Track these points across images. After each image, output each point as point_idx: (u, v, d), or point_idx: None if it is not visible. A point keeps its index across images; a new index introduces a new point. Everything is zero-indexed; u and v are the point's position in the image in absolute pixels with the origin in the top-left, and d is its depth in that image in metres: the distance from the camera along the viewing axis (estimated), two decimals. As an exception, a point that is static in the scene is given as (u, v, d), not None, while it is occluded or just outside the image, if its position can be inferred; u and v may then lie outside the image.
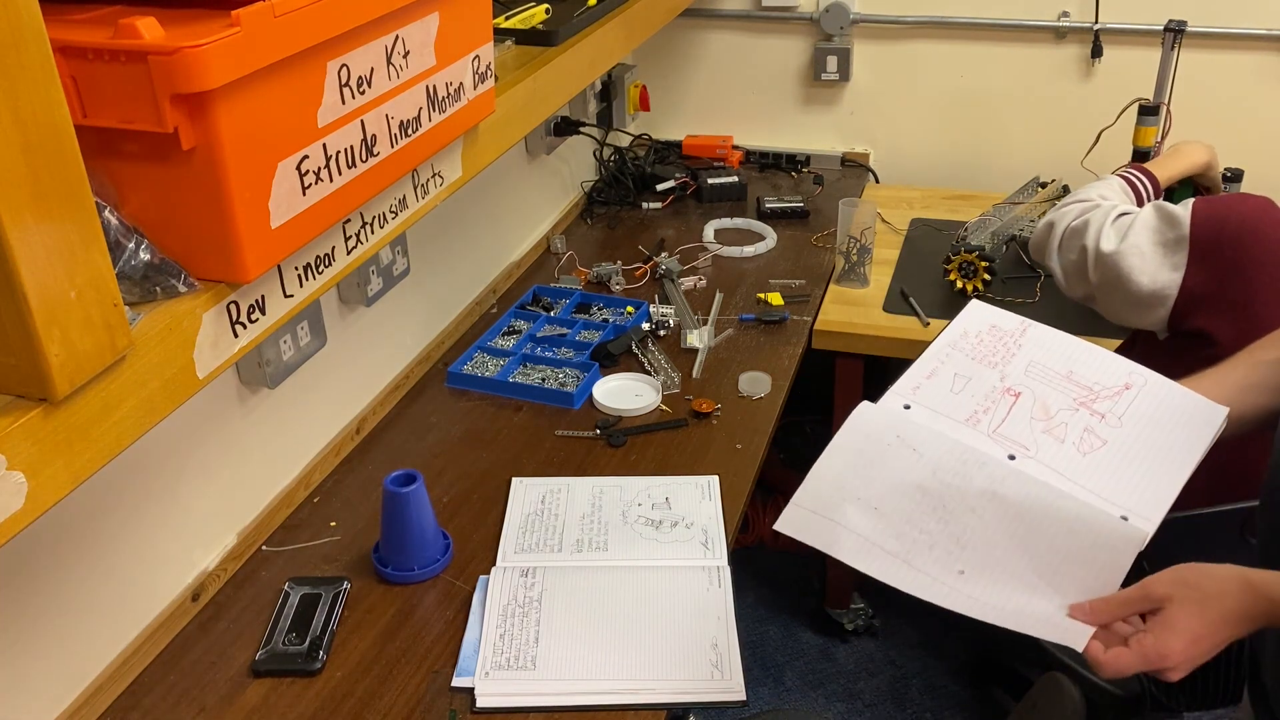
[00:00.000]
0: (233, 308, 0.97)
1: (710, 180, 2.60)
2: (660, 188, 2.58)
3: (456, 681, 1.32)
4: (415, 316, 1.93)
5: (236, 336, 0.98)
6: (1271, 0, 2.37)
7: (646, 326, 2.02)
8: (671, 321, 2.04)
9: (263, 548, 1.54)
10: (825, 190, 2.65)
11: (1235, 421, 1.20)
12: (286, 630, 1.39)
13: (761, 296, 2.16)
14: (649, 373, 1.90)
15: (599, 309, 2.13)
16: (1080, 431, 1.17)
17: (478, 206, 2.09)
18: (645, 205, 2.57)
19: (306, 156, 0.97)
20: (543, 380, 1.90)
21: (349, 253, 1.13)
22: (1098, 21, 2.47)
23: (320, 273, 1.09)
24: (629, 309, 2.10)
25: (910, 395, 1.20)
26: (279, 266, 1.02)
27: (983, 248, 2.10)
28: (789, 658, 2.43)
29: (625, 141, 2.74)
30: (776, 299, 2.14)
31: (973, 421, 1.18)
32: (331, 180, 1.02)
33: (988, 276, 2.08)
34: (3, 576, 1.16)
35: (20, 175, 0.71)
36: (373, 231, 1.17)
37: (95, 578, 1.29)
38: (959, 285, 2.11)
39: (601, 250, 2.38)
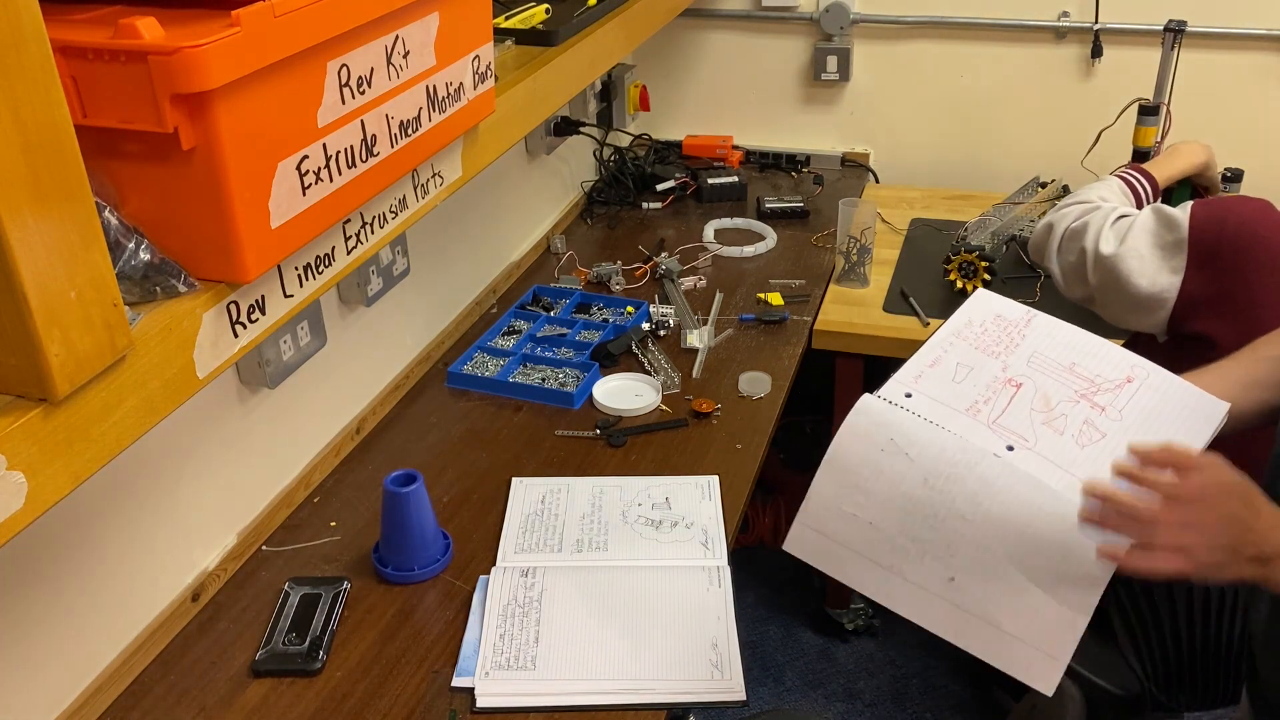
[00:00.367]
0: (233, 308, 0.97)
1: (710, 180, 2.60)
2: (660, 188, 2.58)
3: (456, 681, 1.32)
4: (415, 316, 1.93)
5: (236, 336, 0.98)
6: (1271, 0, 2.37)
7: (646, 326, 2.02)
8: (671, 321, 2.04)
9: (263, 548, 1.54)
10: (825, 190, 2.65)
11: (1237, 417, 1.20)
12: (286, 630, 1.39)
13: (761, 296, 2.16)
14: (649, 373, 1.90)
15: (599, 309, 2.13)
16: (1080, 424, 1.17)
17: (478, 206, 2.09)
18: (645, 205, 2.57)
19: (306, 156, 0.97)
20: (543, 380, 1.90)
21: (349, 253, 1.13)
22: (1098, 21, 2.47)
23: (320, 273, 1.09)
24: (629, 309, 2.10)
25: (912, 384, 1.20)
26: (279, 266, 1.02)
27: (983, 248, 2.10)
28: (789, 658, 2.43)
29: (625, 141, 2.74)
30: (776, 299, 2.14)
31: (973, 411, 1.18)
32: (331, 180, 1.02)
33: (988, 276, 2.08)
34: (3, 577, 1.16)
35: (20, 175, 0.71)
36: (373, 231, 1.17)
37: (95, 578, 1.29)
38: (959, 285, 2.11)
39: (601, 250, 2.38)
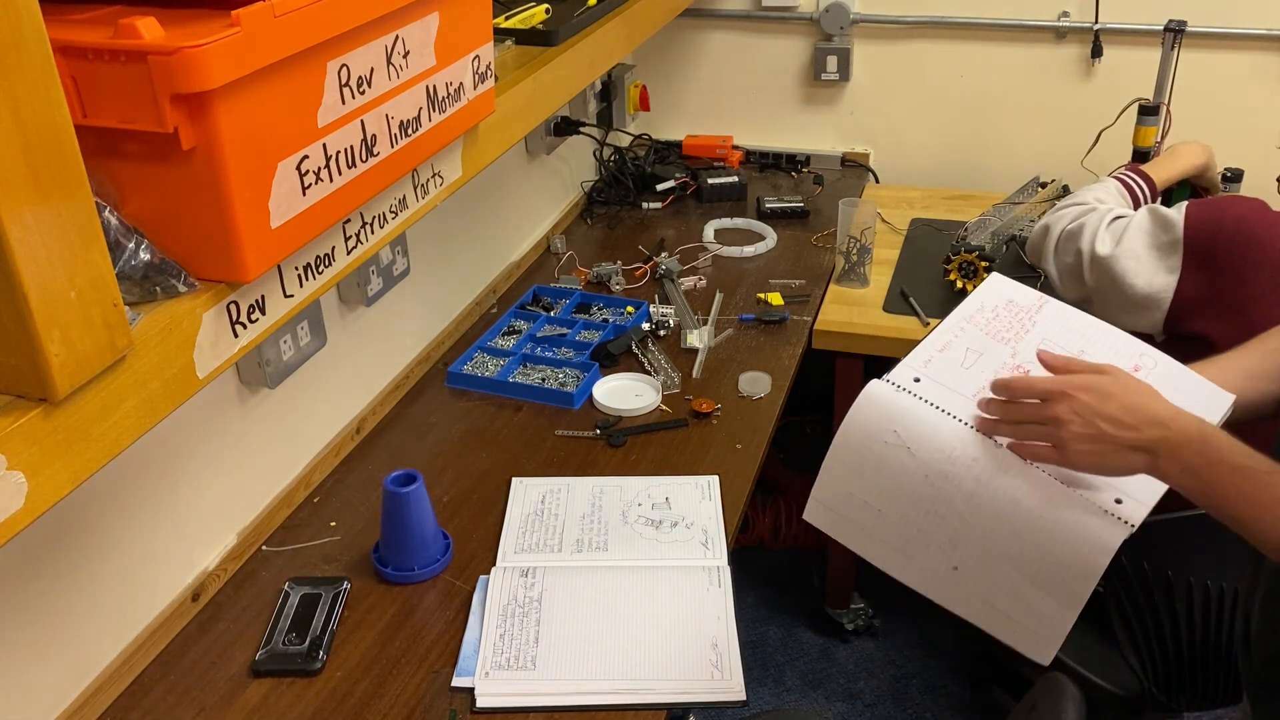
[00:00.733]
0: (233, 308, 0.97)
1: (710, 180, 2.60)
2: (660, 188, 2.58)
3: (456, 681, 1.32)
4: (415, 316, 1.93)
5: (236, 336, 0.98)
6: (1271, 0, 2.37)
7: (646, 326, 2.02)
8: (671, 321, 2.04)
9: (263, 548, 1.54)
10: (825, 190, 2.65)
11: (1242, 408, 1.21)
12: (286, 630, 1.39)
13: (761, 296, 2.16)
14: (649, 373, 1.90)
15: (599, 309, 2.13)
16: None
17: (478, 206, 2.09)
18: (645, 205, 2.57)
19: (306, 156, 0.97)
20: (543, 380, 1.90)
21: (349, 253, 1.13)
22: (1098, 21, 2.47)
23: (320, 273, 1.09)
24: (629, 309, 2.10)
25: (922, 369, 1.21)
26: (279, 266, 1.02)
27: (983, 248, 2.10)
28: (789, 658, 2.43)
29: (625, 141, 2.74)
30: (776, 299, 2.14)
31: (979, 398, 1.19)
32: (331, 180, 1.02)
33: (987, 277, 2.08)
34: (3, 576, 1.16)
35: (20, 175, 0.71)
36: (373, 231, 1.17)
37: (95, 578, 1.29)
38: (959, 285, 2.11)
39: (601, 250, 2.38)
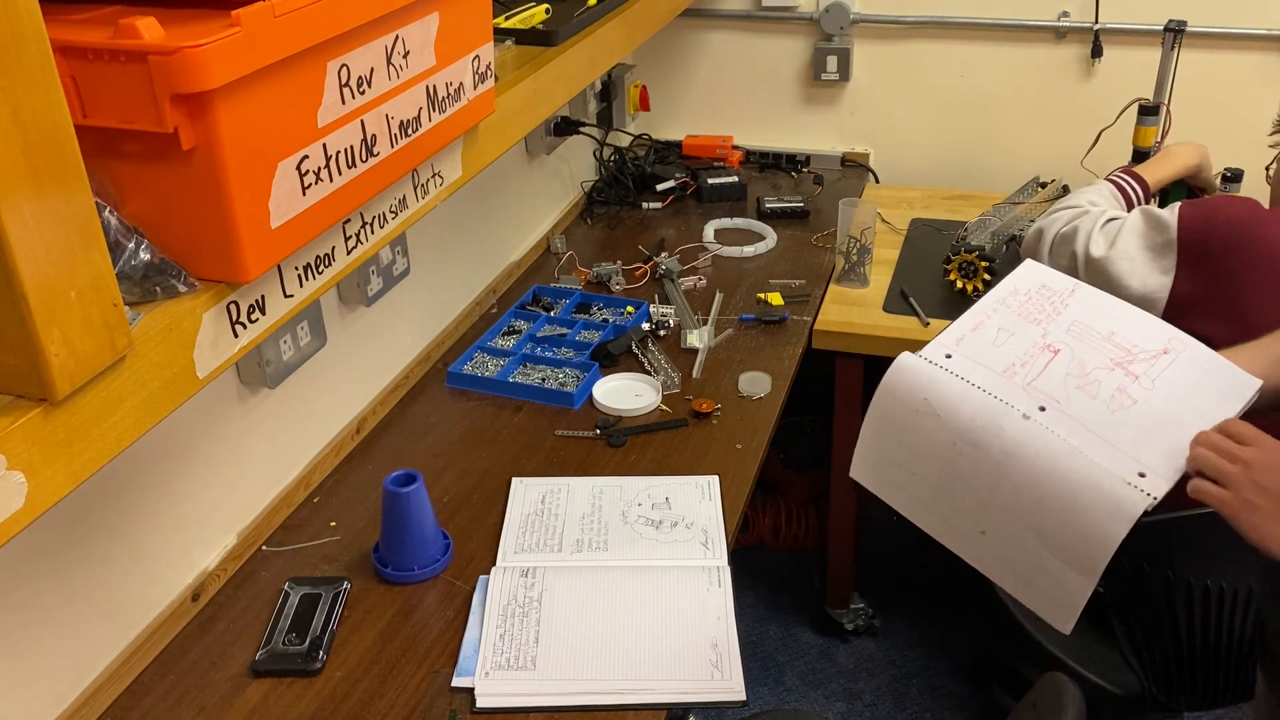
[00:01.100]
0: (233, 308, 0.97)
1: (710, 180, 2.60)
2: (660, 188, 2.58)
3: (456, 681, 1.32)
4: (415, 316, 1.93)
5: (236, 336, 0.98)
6: (1271, 0, 2.37)
7: (646, 326, 2.02)
8: (671, 321, 2.04)
9: (263, 548, 1.54)
10: (825, 190, 2.65)
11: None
12: (286, 630, 1.39)
13: (761, 296, 2.16)
14: (649, 373, 1.90)
15: (599, 309, 2.13)
16: (1113, 390, 1.20)
17: (478, 206, 2.10)
18: (645, 205, 2.57)
19: (306, 156, 0.97)
20: (543, 380, 1.90)
21: (349, 253, 1.13)
22: (1098, 21, 2.47)
23: (320, 273, 1.09)
24: (629, 309, 2.10)
25: (953, 346, 1.24)
26: (279, 266, 1.02)
27: (983, 248, 2.10)
28: (789, 658, 2.43)
29: (625, 141, 2.74)
30: (776, 299, 2.14)
31: (1009, 373, 1.21)
32: (331, 180, 1.02)
33: (988, 276, 2.08)
34: (3, 576, 1.16)
35: (20, 175, 0.71)
36: (373, 231, 1.17)
37: (95, 578, 1.29)
38: (959, 285, 2.11)
39: (601, 250, 2.38)
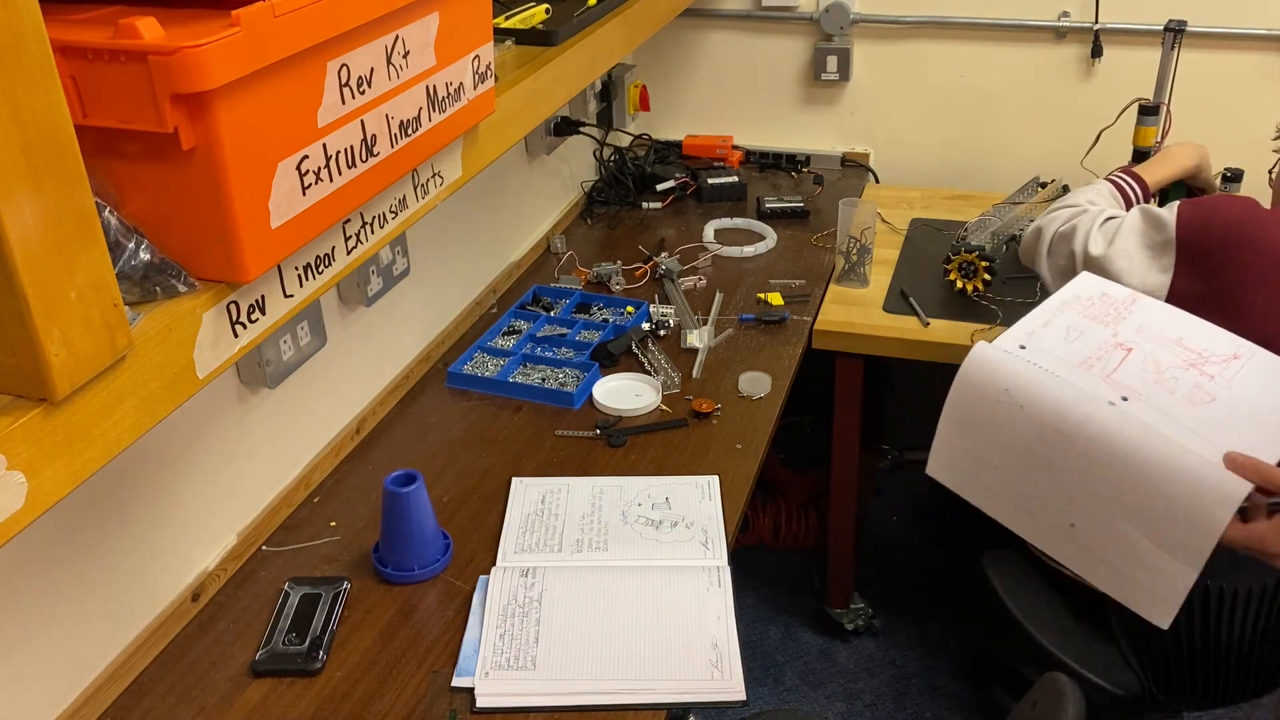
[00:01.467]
0: (233, 308, 0.97)
1: (710, 180, 2.60)
2: (660, 188, 2.58)
3: (456, 681, 1.32)
4: (415, 316, 1.93)
5: (236, 336, 0.98)
6: (1271, 0, 2.37)
7: (646, 326, 2.02)
8: (671, 321, 2.04)
9: (263, 548, 1.54)
10: (825, 190, 2.65)
11: None
12: (286, 630, 1.39)
13: (761, 296, 2.16)
14: (649, 373, 1.90)
15: (599, 309, 2.13)
16: (1190, 387, 1.20)
17: (478, 206, 2.10)
18: (645, 205, 2.57)
19: (306, 156, 0.97)
20: (543, 380, 1.90)
21: (349, 253, 1.13)
22: (1098, 21, 2.47)
23: (320, 273, 1.09)
24: (629, 309, 2.10)
25: (1025, 338, 1.24)
26: (279, 266, 1.02)
27: (983, 248, 2.10)
28: (789, 658, 2.43)
29: (625, 141, 2.74)
30: (776, 299, 2.14)
31: (1086, 366, 1.21)
32: (331, 180, 1.02)
33: (988, 276, 2.08)
34: (2, 576, 1.16)
35: (20, 175, 0.71)
36: (373, 231, 1.17)
37: (95, 578, 1.29)
38: (959, 285, 2.11)
39: (601, 250, 2.38)
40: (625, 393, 1.86)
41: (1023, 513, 1.21)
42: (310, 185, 0.99)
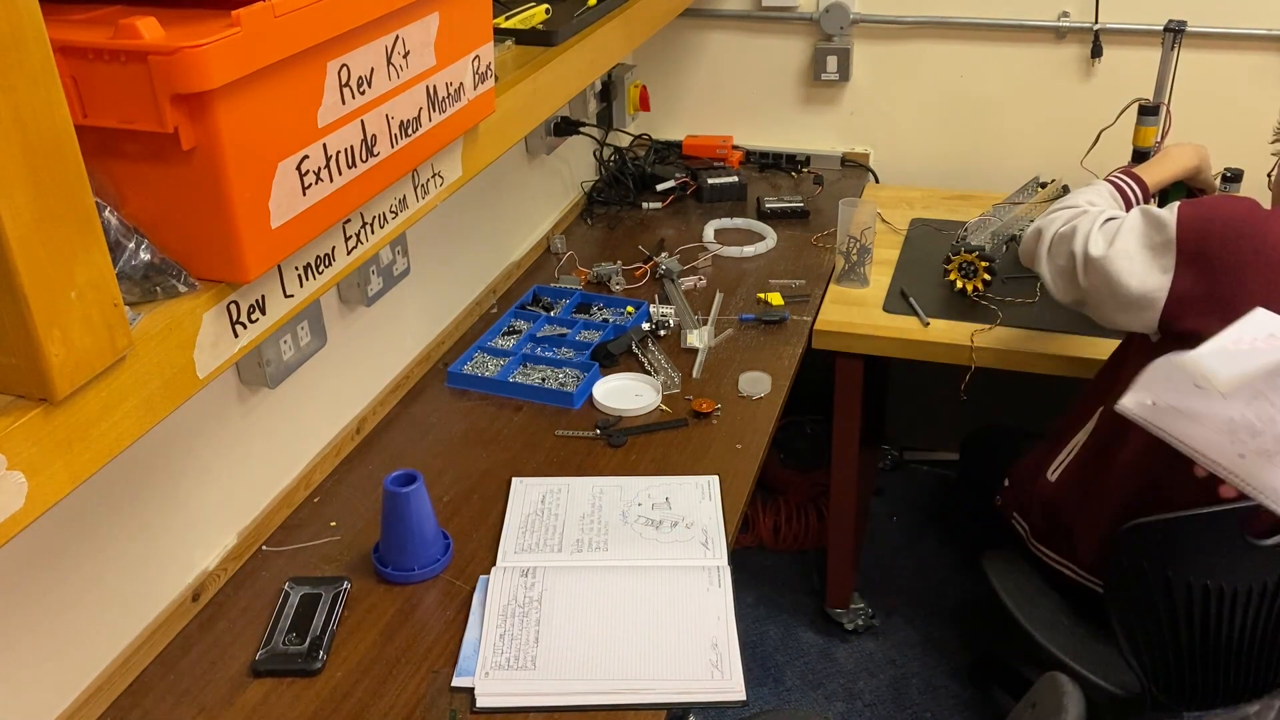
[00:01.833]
0: (233, 308, 0.97)
1: (710, 180, 2.60)
2: (660, 188, 2.58)
3: (456, 681, 1.32)
4: (415, 316, 1.93)
5: (236, 336, 0.98)
6: (1271, 0, 2.37)
7: (646, 326, 2.02)
8: (671, 321, 2.04)
9: (263, 548, 1.54)
10: (825, 190, 2.65)
11: None
12: (286, 630, 1.39)
13: (761, 296, 2.16)
14: (649, 373, 1.90)
15: (599, 309, 2.13)
16: None
17: (478, 206, 2.10)
18: (645, 205, 2.57)
19: (306, 156, 0.97)
20: (543, 380, 1.90)
21: (349, 253, 1.13)
22: (1098, 21, 2.47)
23: (320, 273, 1.09)
24: (629, 309, 2.10)
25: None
26: (279, 266, 1.02)
27: (983, 248, 2.10)
28: (789, 658, 2.43)
29: (625, 141, 2.74)
30: (776, 299, 2.14)
31: None
32: (331, 180, 1.02)
33: (988, 276, 2.08)
34: (3, 576, 1.16)
35: (20, 175, 0.71)
36: (373, 231, 1.17)
37: (95, 578, 1.29)
38: (959, 285, 2.11)
39: (601, 250, 2.38)
40: (625, 393, 1.86)
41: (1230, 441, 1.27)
42: (310, 185, 0.99)
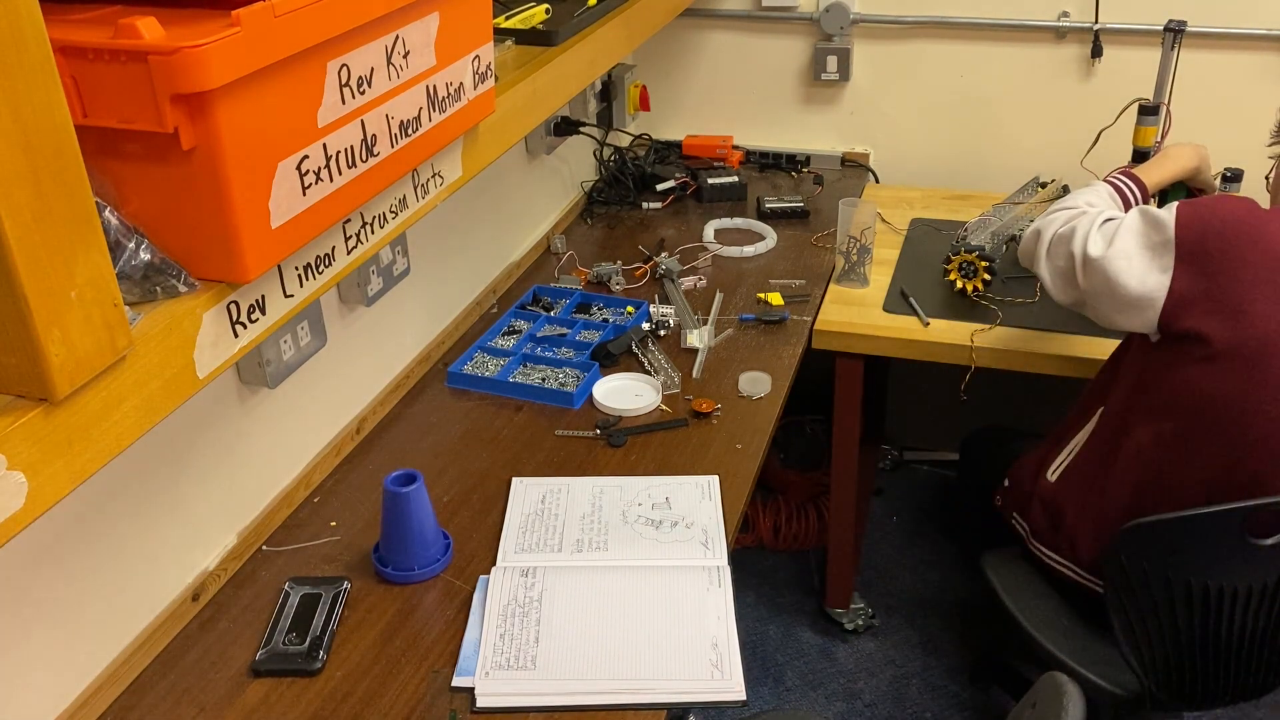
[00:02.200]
0: (233, 308, 0.97)
1: (710, 180, 2.60)
2: (660, 188, 2.58)
3: (456, 681, 1.32)
4: (415, 316, 1.93)
5: (236, 336, 0.98)
6: (1271, 0, 2.37)
7: (646, 326, 2.02)
8: (671, 321, 2.04)
9: (263, 548, 1.54)
10: (825, 190, 2.65)
11: None
12: (286, 630, 1.39)
13: (761, 296, 2.16)
14: (649, 373, 1.90)
15: (599, 309, 2.13)
16: None
17: (478, 206, 2.10)
18: (645, 205, 2.57)
19: (307, 156, 0.97)
20: (543, 380, 1.90)
21: (349, 253, 1.13)
22: (1098, 21, 2.47)
23: (320, 273, 1.09)
24: (629, 309, 2.10)
25: None
26: (279, 266, 1.02)
27: (983, 248, 2.10)
28: (789, 658, 2.43)
29: (625, 141, 2.74)
30: (776, 299, 2.14)
31: None
32: (331, 180, 1.02)
33: (988, 276, 2.08)
34: (3, 576, 1.16)
35: (20, 175, 0.71)
36: (373, 231, 1.17)
37: (95, 578, 1.29)
38: (959, 285, 2.11)
39: (601, 250, 2.38)
40: (625, 393, 1.86)
41: None
42: (310, 185, 0.99)
